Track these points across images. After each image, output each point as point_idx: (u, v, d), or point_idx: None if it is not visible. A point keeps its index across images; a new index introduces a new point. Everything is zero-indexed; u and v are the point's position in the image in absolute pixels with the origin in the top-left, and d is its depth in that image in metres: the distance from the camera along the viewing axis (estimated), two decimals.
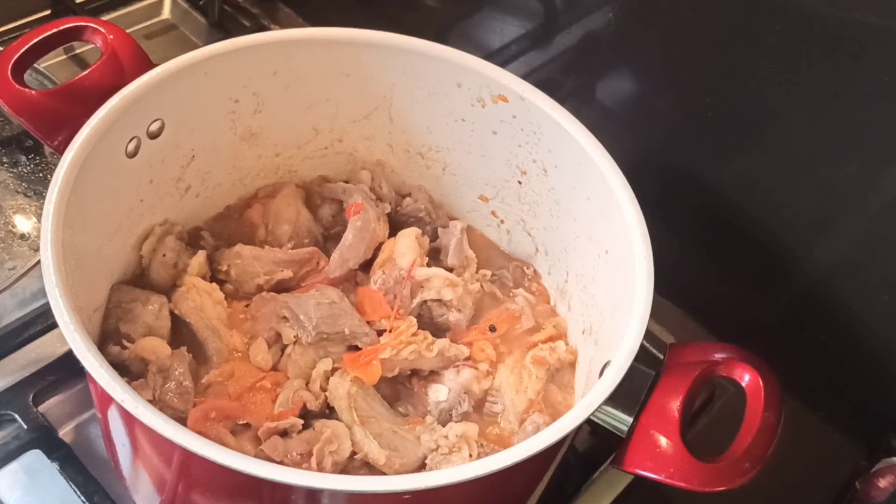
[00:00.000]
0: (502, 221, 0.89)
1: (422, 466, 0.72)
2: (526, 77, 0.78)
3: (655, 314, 0.65)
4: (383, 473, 0.70)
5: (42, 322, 0.87)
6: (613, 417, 0.63)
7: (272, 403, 0.72)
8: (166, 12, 1.25)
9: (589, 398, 0.60)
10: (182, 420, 0.68)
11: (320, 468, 0.67)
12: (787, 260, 0.88)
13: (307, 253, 0.82)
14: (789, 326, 0.91)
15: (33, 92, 0.70)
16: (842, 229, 0.83)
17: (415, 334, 0.77)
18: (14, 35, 1.11)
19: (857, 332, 0.85)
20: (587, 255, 0.79)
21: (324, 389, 0.73)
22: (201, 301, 0.77)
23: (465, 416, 0.76)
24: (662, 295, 0.67)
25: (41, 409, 0.82)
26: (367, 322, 0.78)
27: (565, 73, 0.99)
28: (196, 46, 0.76)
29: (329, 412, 0.73)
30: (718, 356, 0.65)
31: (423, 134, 0.86)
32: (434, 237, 0.87)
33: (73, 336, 0.58)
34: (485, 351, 0.80)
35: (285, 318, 0.77)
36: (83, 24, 0.75)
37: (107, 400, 0.63)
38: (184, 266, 0.80)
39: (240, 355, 0.77)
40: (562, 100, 0.76)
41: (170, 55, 0.74)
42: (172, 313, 0.77)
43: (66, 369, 0.84)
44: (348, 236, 0.82)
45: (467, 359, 0.79)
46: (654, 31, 0.87)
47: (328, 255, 0.83)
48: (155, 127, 0.75)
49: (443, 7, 1.11)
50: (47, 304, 0.59)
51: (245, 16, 1.24)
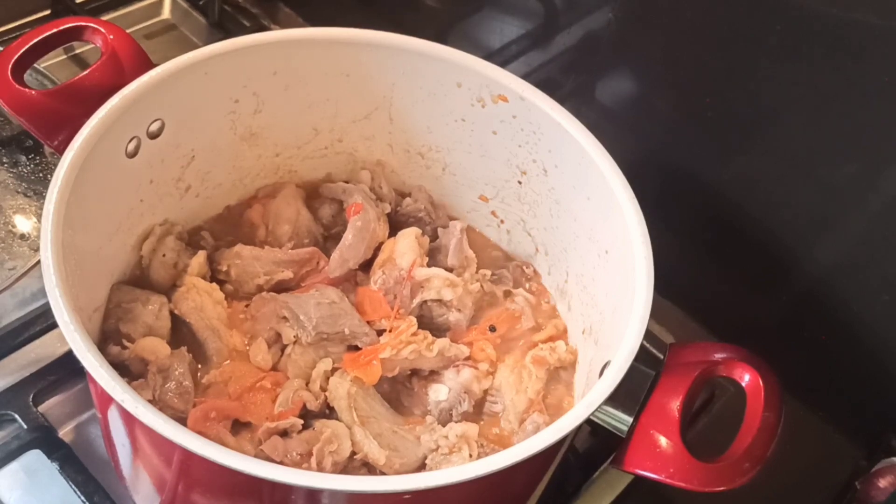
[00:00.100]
0: (502, 221, 0.89)
1: (422, 466, 0.72)
2: (526, 77, 0.78)
3: (655, 314, 0.65)
4: (383, 473, 0.70)
5: (42, 322, 0.86)
6: (613, 417, 0.63)
7: (272, 403, 0.72)
8: (166, 12, 1.25)
9: (589, 398, 0.60)
10: (182, 420, 0.68)
11: (320, 468, 0.67)
12: (787, 260, 0.88)
13: (307, 253, 0.82)
14: (789, 326, 0.91)
15: (33, 92, 0.70)
16: (842, 229, 0.83)
17: (415, 334, 0.77)
18: (14, 35, 1.11)
19: (857, 332, 0.85)
20: (587, 255, 0.79)
21: (324, 389, 0.73)
22: (201, 301, 0.77)
23: (465, 416, 0.76)
24: (662, 295, 0.67)
25: (41, 409, 0.82)
26: (367, 322, 0.78)
27: (565, 73, 0.99)
28: (196, 46, 0.76)
29: (329, 412, 0.73)
30: (718, 356, 0.65)
31: (423, 134, 0.86)
32: (434, 237, 0.87)
33: (73, 336, 0.58)
34: (485, 351, 0.79)
35: (285, 318, 0.77)
36: (83, 24, 0.75)
37: (107, 400, 0.63)
38: (184, 266, 0.80)
39: (240, 355, 0.77)
40: (562, 100, 0.76)
41: (170, 55, 0.74)
42: (172, 313, 0.77)
43: (66, 369, 0.84)
44: (348, 236, 0.82)
45: (467, 359, 0.79)
46: (654, 31, 0.87)
47: (328, 255, 0.83)
48: (155, 127, 0.75)
49: (443, 7, 1.11)
50: (47, 304, 0.59)
51: (245, 16, 1.24)
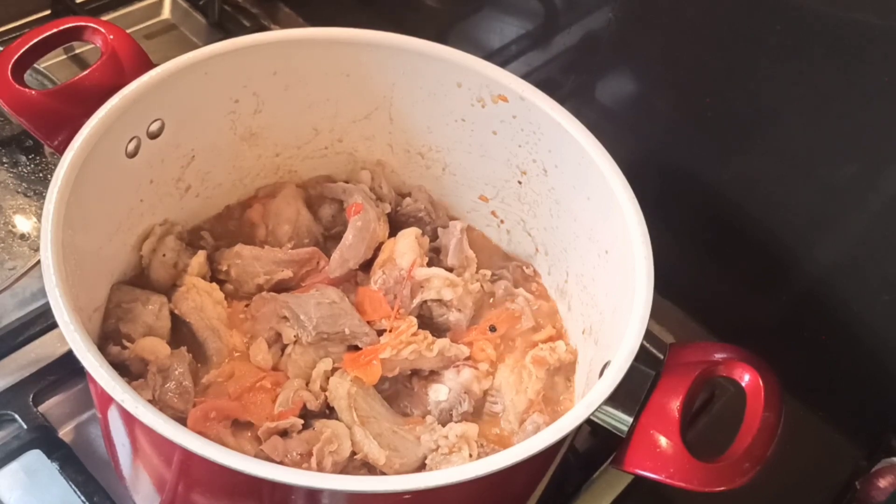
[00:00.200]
0: (502, 221, 0.89)
1: (422, 466, 0.72)
2: (526, 77, 0.78)
3: (655, 314, 0.65)
4: (383, 473, 0.70)
5: (42, 322, 0.87)
6: (613, 417, 0.63)
7: (272, 403, 0.72)
8: (166, 12, 1.25)
9: (589, 398, 0.60)
10: (182, 420, 0.68)
11: (320, 468, 0.67)
12: (787, 260, 0.88)
13: (307, 253, 0.82)
14: (789, 326, 0.91)
15: (33, 92, 0.70)
16: (842, 229, 0.83)
17: (415, 334, 0.77)
18: (14, 35, 1.11)
19: (857, 332, 0.85)
20: (587, 255, 0.79)
21: (324, 389, 0.73)
22: (201, 301, 0.77)
23: (465, 416, 0.76)
24: (662, 295, 0.67)
25: (41, 409, 0.82)
26: (368, 322, 0.78)
27: (565, 73, 0.99)
28: (196, 46, 0.76)
29: (329, 412, 0.73)
30: (718, 356, 0.65)
31: (423, 134, 0.86)
32: (434, 237, 0.87)
33: (73, 336, 0.58)
34: (485, 351, 0.79)
35: (285, 317, 0.77)
36: (83, 24, 0.75)
37: (107, 400, 0.63)
38: (184, 266, 0.80)
39: (240, 355, 0.77)
40: (562, 100, 0.76)
41: (170, 55, 0.74)
42: (172, 313, 0.77)
43: (66, 369, 0.84)
44: (348, 236, 0.82)
45: (467, 359, 0.79)
46: (654, 31, 0.87)
47: (328, 255, 0.83)
48: (155, 127, 0.75)
49: (443, 7, 1.11)
50: (47, 304, 0.59)
51: (245, 16, 1.24)
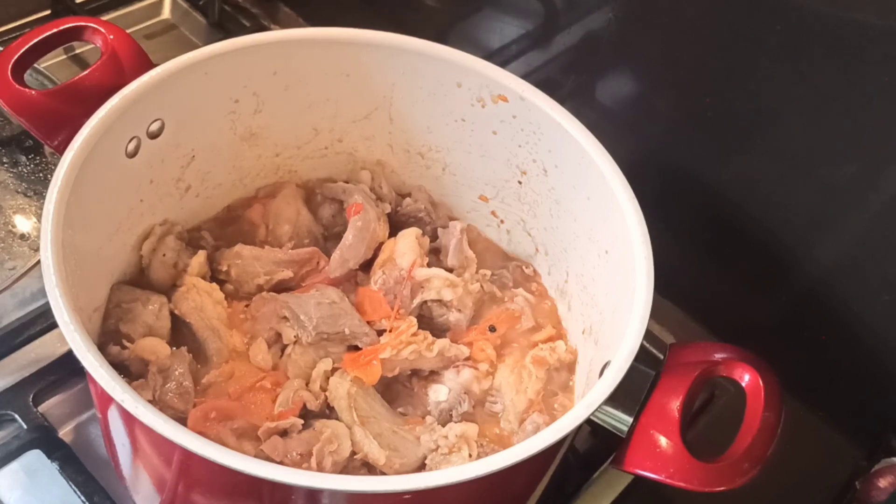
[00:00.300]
0: (502, 221, 0.89)
1: (422, 466, 0.72)
2: (526, 77, 0.78)
3: (655, 314, 0.65)
4: (383, 473, 0.70)
5: (42, 322, 0.87)
6: (613, 417, 0.63)
7: (272, 403, 0.72)
8: (166, 12, 1.25)
9: (589, 398, 0.60)
10: (182, 420, 0.68)
11: (320, 468, 0.67)
12: (787, 260, 0.88)
13: (307, 253, 0.82)
14: (789, 326, 0.91)
15: (33, 92, 0.70)
16: (842, 229, 0.83)
17: (415, 334, 0.77)
18: (14, 35, 1.11)
19: (857, 332, 0.85)
20: (587, 255, 0.79)
21: (324, 389, 0.73)
22: (201, 301, 0.77)
23: (465, 416, 0.76)
24: (662, 295, 0.67)
25: (41, 409, 0.82)
26: (368, 322, 0.78)
27: (565, 73, 0.99)
28: (196, 46, 0.76)
29: (329, 412, 0.73)
30: (718, 356, 0.65)
31: (423, 134, 0.86)
32: (434, 237, 0.87)
33: (73, 336, 0.58)
34: (485, 351, 0.79)
35: (285, 318, 0.77)
36: (83, 24, 0.75)
37: (107, 400, 0.63)
38: (184, 266, 0.80)
39: (240, 355, 0.77)
40: (562, 100, 0.76)
41: (170, 55, 0.74)
42: (172, 313, 0.77)
43: (66, 369, 0.84)
44: (348, 236, 0.82)
45: (467, 359, 0.79)
46: (654, 31, 0.87)
47: (328, 255, 0.83)
48: (155, 127, 0.75)
49: (443, 7, 1.11)
50: (47, 304, 0.59)
51: (245, 16, 1.24)
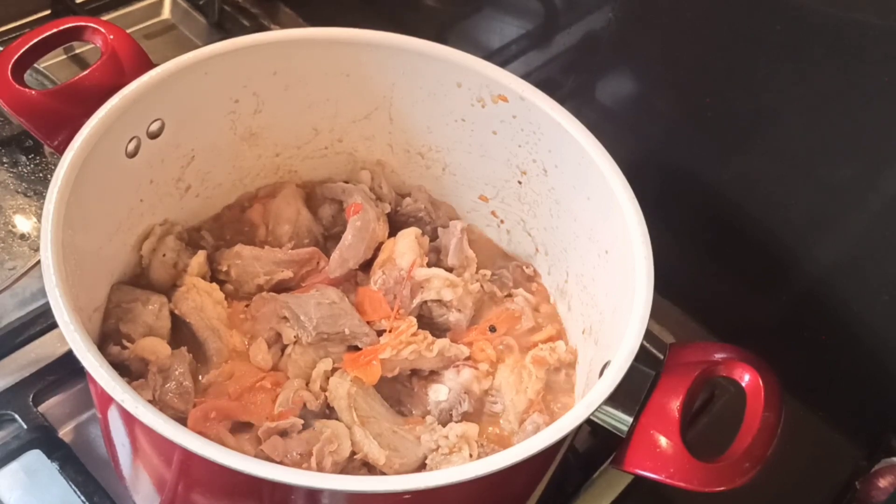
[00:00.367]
0: (502, 221, 0.89)
1: (422, 466, 0.72)
2: (526, 77, 0.78)
3: (655, 314, 0.65)
4: (383, 473, 0.70)
5: (42, 322, 0.87)
6: (613, 417, 0.63)
7: (272, 403, 0.72)
8: (166, 12, 1.25)
9: (589, 398, 0.60)
10: (182, 420, 0.68)
11: (320, 468, 0.67)
12: (787, 260, 0.88)
13: (307, 253, 0.82)
14: (789, 326, 0.91)
15: (33, 92, 0.70)
16: (842, 229, 0.83)
17: (415, 334, 0.77)
18: (14, 35, 1.11)
19: (857, 332, 0.85)
20: (587, 255, 0.79)
21: (324, 389, 0.73)
22: (201, 301, 0.77)
23: (465, 416, 0.76)
24: (662, 295, 0.67)
25: (41, 409, 0.82)
26: (367, 322, 0.78)
27: (565, 73, 0.99)
28: (196, 46, 0.76)
29: (329, 412, 0.73)
30: (718, 356, 0.65)
31: (423, 134, 0.86)
32: (434, 237, 0.87)
33: (73, 336, 0.58)
34: (485, 351, 0.79)
35: (285, 318, 0.77)
36: (83, 24, 0.75)
37: (107, 400, 0.63)
38: (184, 266, 0.80)
39: (240, 355, 0.76)
40: (562, 100, 0.76)
41: (170, 55, 0.74)
42: (172, 313, 0.77)
43: (66, 369, 0.84)
44: (348, 236, 0.82)
45: (467, 359, 0.79)
46: (654, 31, 0.87)
47: (328, 255, 0.83)
48: (155, 127, 0.75)
49: (443, 7, 1.11)
50: (47, 304, 0.59)
51: (245, 16, 1.24)
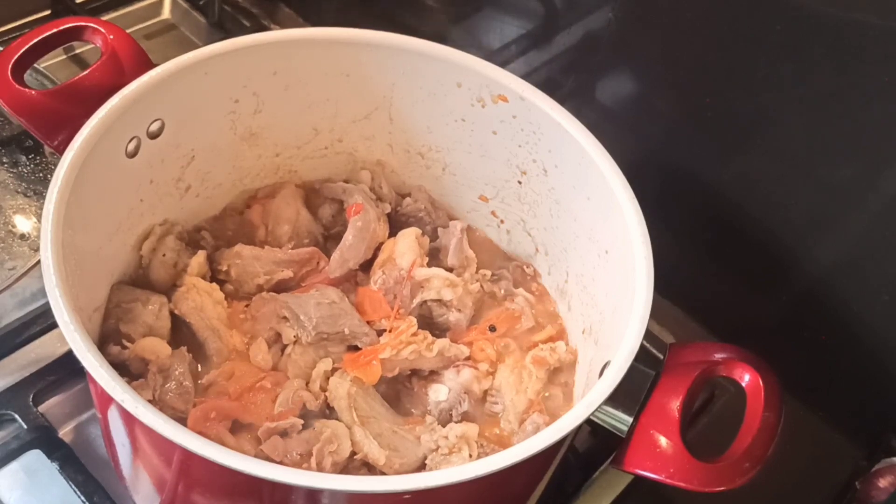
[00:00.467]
0: (502, 221, 0.89)
1: (422, 466, 0.72)
2: (526, 77, 0.78)
3: (655, 314, 0.65)
4: (383, 473, 0.70)
5: (42, 322, 0.87)
6: (613, 417, 0.63)
7: (272, 403, 0.72)
8: (166, 12, 1.25)
9: (589, 398, 0.60)
10: (182, 420, 0.68)
11: (320, 468, 0.67)
12: (787, 260, 0.88)
13: (307, 253, 0.82)
14: (789, 326, 0.91)
15: (33, 92, 0.70)
16: (842, 229, 0.83)
17: (415, 334, 0.77)
18: (14, 35, 1.11)
19: (857, 332, 0.85)
20: (587, 255, 0.79)
21: (324, 389, 0.73)
22: (201, 301, 0.77)
23: (465, 416, 0.76)
24: (662, 295, 0.67)
25: (41, 409, 0.82)
26: (367, 322, 0.78)
27: (565, 73, 0.99)
28: (196, 46, 0.76)
29: (329, 412, 0.73)
30: (718, 356, 0.65)
31: (423, 134, 0.86)
32: (434, 237, 0.87)
33: (73, 336, 0.58)
34: (485, 351, 0.79)
35: (285, 318, 0.77)
36: (83, 24, 0.75)
37: (107, 400, 0.63)
38: (184, 266, 0.80)
39: (240, 355, 0.76)
40: (562, 100, 0.76)
41: (170, 55, 0.74)
42: (172, 313, 0.77)
43: (66, 369, 0.84)
44: (348, 236, 0.82)
45: (467, 359, 0.79)
46: (654, 31, 0.87)
47: (328, 255, 0.83)
48: (155, 127, 0.75)
49: (443, 7, 1.11)
50: (47, 304, 0.59)
51: (245, 16, 1.24)
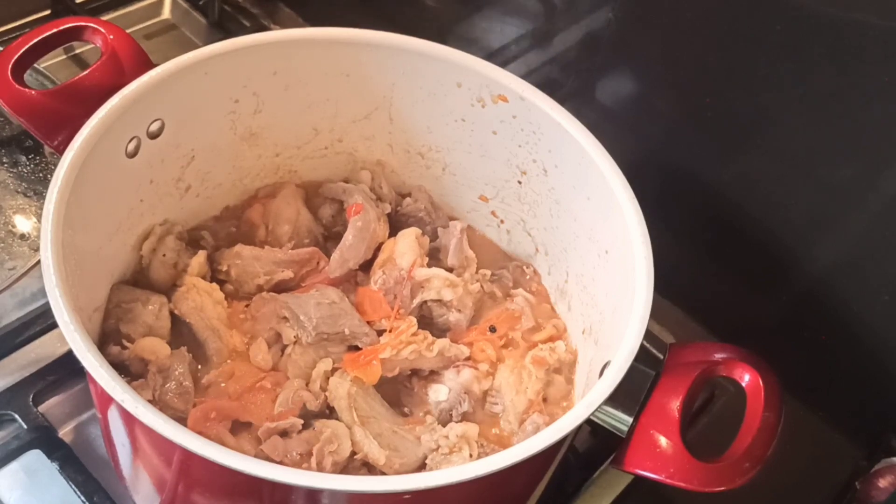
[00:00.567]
0: (502, 221, 0.89)
1: (422, 466, 0.72)
2: (526, 77, 0.78)
3: (655, 314, 0.65)
4: (383, 473, 0.70)
5: (42, 322, 0.86)
6: (613, 417, 0.63)
7: (272, 403, 0.72)
8: (166, 12, 1.25)
9: (589, 398, 0.60)
10: (182, 420, 0.68)
11: (320, 468, 0.67)
12: (787, 260, 0.88)
13: (307, 253, 0.82)
14: (789, 326, 0.91)
15: (33, 92, 0.70)
16: (842, 229, 0.83)
17: (415, 334, 0.77)
18: (14, 35, 1.11)
19: (857, 332, 0.85)
20: (587, 255, 0.79)
21: (324, 389, 0.73)
22: (201, 301, 0.77)
23: (465, 416, 0.76)
24: (662, 295, 0.67)
25: (41, 409, 0.82)
26: (367, 322, 0.78)
27: (565, 73, 0.99)
28: (196, 46, 0.76)
29: (329, 412, 0.73)
30: (718, 356, 0.65)
31: (423, 134, 0.86)
32: (434, 237, 0.87)
33: (73, 336, 0.58)
34: (485, 351, 0.79)
35: (285, 318, 0.77)
36: (83, 24, 0.75)
37: (107, 400, 0.63)
38: (184, 266, 0.80)
39: (240, 355, 0.76)
40: (562, 100, 0.76)
41: (170, 55, 0.74)
42: (172, 313, 0.77)
43: (66, 369, 0.84)
44: (348, 236, 0.82)
45: (467, 359, 0.79)
46: (654, 31, 0.87)
47: (328, 255, 0.83)
48: (155, 127, 0.75)
49: (443, 7, 1.11)
50: (47, 304, 0.59)
51: (245, 16, 1.24)
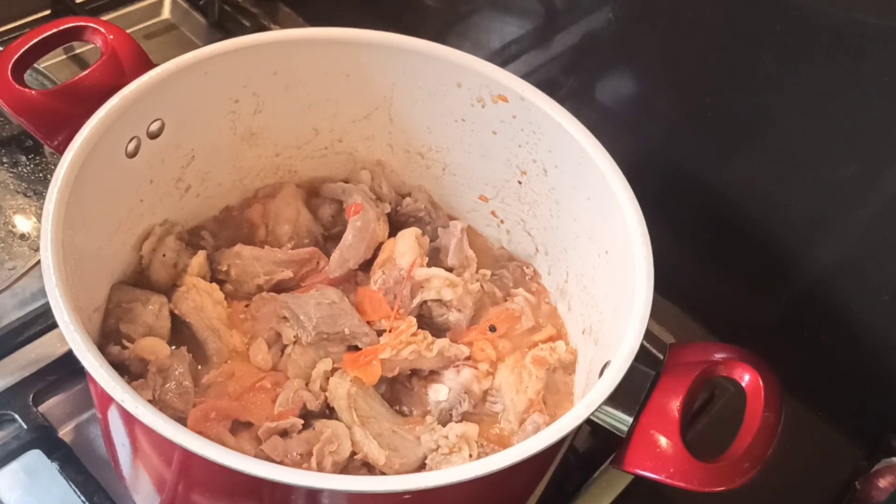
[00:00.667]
0: (502, 221, 0.89)
1: (422, 466, 0.72)
2: (526, 77, 0.78)
3: (655, 314, 0.65)
4: (383, 473, 0.70)
5: (42, 322, 0.87)
6: (613, 417, 0.63)
7: (272, 403, 0.72)
8: (166, 12, 1.25)
9: (589, 398, 0.60)
10: (182, 420, 0.68)
11: (320, 468, 0.67)
12: (787, 260, 0.88)
13: (307, 253, 0.82)
14: (789, 326, 0.91)
15: (33, 92, 0.70)
16: (842, 229, 0.83)
17: (415, 334, 0.77)
18: (14, 35, 1.11)
19: (857, 332, 0.85)
20: (587, 255, 0.79)
21: (324, 389, 0.73)
22: (201, 301, 0.77)
23: (465, 416, 0.76)
24: (662, 295, 0.67)
25: (41, 409, 0.82)
26: (367, 322, 0.78)
27: (565, 73, 0.99)
28: (196, 46, 0.76)
29: (329, 412, 0.73)
30: (718, 356, 0.65)
31: (423, 134, 0.86)
32: (434, 237, 0.87)
33: (73, 336, 0.58)
34: (485, 351, 0.79)
35: (285, 318, 0.77)
36: (83, 24, 0.75)
37: (107, 400, 0.63)
38: (184, 266, 0.80)
39: (240, 355, 0.76)
40: (562, 100, 0.76)
41: (170, 55, 0.74)
42: (172, 313, 0.77)
43: (66, 369, 0.84)
44: (348, 236, 0.82)
45: (467, 359, 0.79)
46: (654, 31, 0.87)
47: (328, 255, 0.83)
48: (155, 127, 0.75)
49: (443, 7, 1.11)
50: (47, 304, 0.59)
51: (245, 16, 1.24)
